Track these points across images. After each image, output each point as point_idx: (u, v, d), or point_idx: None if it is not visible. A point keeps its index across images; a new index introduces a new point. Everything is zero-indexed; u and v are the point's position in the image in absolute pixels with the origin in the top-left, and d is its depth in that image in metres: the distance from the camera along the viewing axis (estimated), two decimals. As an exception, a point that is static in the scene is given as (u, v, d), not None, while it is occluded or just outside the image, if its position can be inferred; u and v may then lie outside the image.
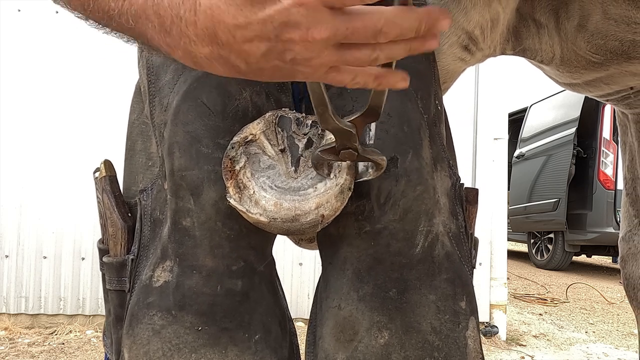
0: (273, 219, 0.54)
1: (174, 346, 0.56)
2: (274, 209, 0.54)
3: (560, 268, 6.09)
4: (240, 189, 0.55)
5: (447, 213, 0.64)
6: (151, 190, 0.64)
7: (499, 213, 2.97)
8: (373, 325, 0.58)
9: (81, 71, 2.78)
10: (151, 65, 0.66)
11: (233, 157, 0.56)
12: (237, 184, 0.55)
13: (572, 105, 5.85)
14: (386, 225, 0.59)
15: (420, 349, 0.57)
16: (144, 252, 0.63)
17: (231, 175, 0.56)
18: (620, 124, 1.09)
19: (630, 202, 1.06)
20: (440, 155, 0.66)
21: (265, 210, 0.54)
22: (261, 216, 0.54)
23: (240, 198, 0.55)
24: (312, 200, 0.55)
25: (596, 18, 0.77)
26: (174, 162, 0.59)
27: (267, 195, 0.55)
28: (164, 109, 0.63)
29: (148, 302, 0.58)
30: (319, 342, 0.62)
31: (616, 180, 5.31)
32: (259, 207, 0.55)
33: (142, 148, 0.69)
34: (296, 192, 0.56)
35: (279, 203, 0.55)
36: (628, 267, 1.04)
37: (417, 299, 0.59)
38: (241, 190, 0.55)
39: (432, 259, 0.60)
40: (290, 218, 0.54)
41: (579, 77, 0.90)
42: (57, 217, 2.75)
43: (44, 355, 2.37)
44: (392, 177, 0.59)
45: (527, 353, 2.74)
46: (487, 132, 2.97)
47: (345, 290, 0.60)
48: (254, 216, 0.55)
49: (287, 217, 0.54)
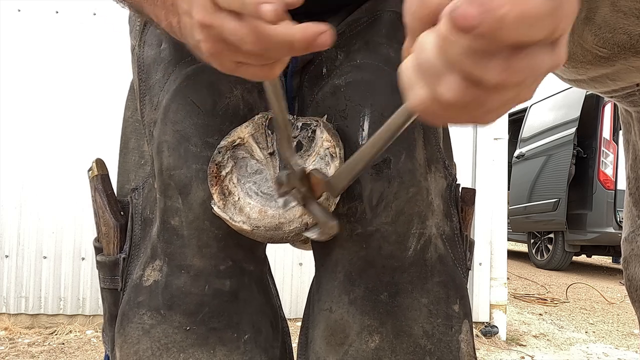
0: (256, 227, 0.54)
1: (163, 345, 0.56)
2: (258, 217, 0.54)
3: (560, 268, 6.09)
4: (225, 195, 0.55)
5: (441, 215, 0.64)
6: (142, 189, 0.64)
7: (499, 213, 2.96)
8: (364, 329, 0.57)
9: (81, 71, 2.77)
10: (142, 63, 0.66)
11: (219, 162, 0.56)
12: (222, 190, 0.55)
13: (572, 105, 5.85)
14: (378, 227, 0.58)
15: (412, 353, 0.57)
16: (135, 251, 0.63)
17: (216, 182, 0.55)
18: (624, 122, 1.08)
19: (633, 202, 1.05)
20: (435, 155, 0.65)
21: (249, 218, 0.54)
22: (244, 224, 0.54)
23: (224, 205, 0.54)
24: (297, 208, 0.54)
25: (604, 10, 0.75)
26: (163, 161, 0.58)
27: (252, 202, 0.54)
28: (154, 108, 0.63)
29: (138, 301, 0.58)
30: (311, 345, 0.62)
31: (616, 180, 5.31)
32: (243, 214, 0.54)
33: (135, 146, 0.68)
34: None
35: (263, 210, 0.54)
36: (631, 268, 1.03)
37: (409, 302, 0.58)
38: (226, 196, 0.55)
39: (425, 262, 0.59)
40: (273, 226, 0.54)
41: (585, 73, 0.88)
42: (57, 217, 2.75)
43: (44, 355, 2.36)
44: (384, 179, 0.58)
45: (527, 353, 2.74)
46: (487, 132, 2.96)
47: (337, 293, 0.59)
48: (237, 224, 0.54)
49: (271, 226, 0.54)
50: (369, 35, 0.66)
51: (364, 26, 0.67)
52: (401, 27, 0.69)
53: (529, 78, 0.28)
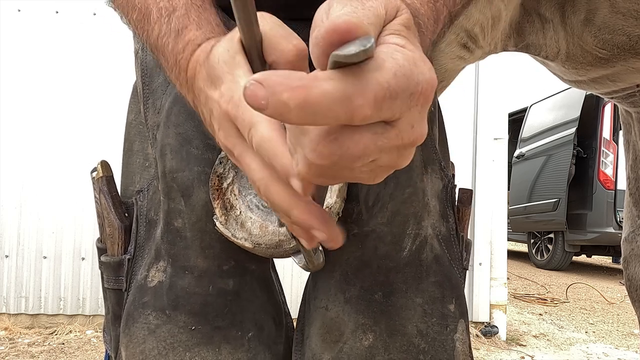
0: (257, 244, 0.54)
1: (169, 345, 0.57)
2: (259, 233, 0.54)
3: (560, 268, 6.09)
4: (227, 209, 0.55)
5: (437, 215, 0.64)
6: (147, 191, 0.65)
7: (499, 213, 2.97)
8: (358, 328, 0.58)
9: (81, 71, 2.77)
10: (145, 67, 0.66)
11: (221, 174, 0.56)
12: (224, 205, 0.55)
13: (572, 105, 5.85)
14: (374, 228, 0.59)
15: (405, 351, 0.57)
16: (140, 252, 0.63)
17: (218, 195, 0.55)
18: (624, 122, 1.08)
19: (633, 202, 1.05)
20: (431, 157, 0.65)
21: (251, 234, 0.54)
22: (246, 242, 0.54)
23: (226, 220, 0.55)
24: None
25: (604, 12, 0.75)
26: (166, 164, 0.59)
27: (253, 216, 0.55)
28: (157, 111, 0.64)
29: (143, 301, 0.59)
30: (307, 342, 0.63)
31: (616, 180, 5.31)
32: (245, 230, 0.55)
33: (140, 149, 0.69)
34: None
35: (264, 226, 0.54)
36: (631, 268, 1.03)
37: (403, 302, 0.59)
38: (228, 211, 0.55)
39: (420, 262, 0.60)
40: (274, 244, 0.54)
41: (585, 74, 0.88)
42: (57, 217, 2.75)
43: (44, 355, 2.36)
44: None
45: (527, 353, 2.74)
46: (487, 132, 2.97)
47: (333, 291, 0.60)
48: (239, 242, 0.55)
49: (271, 244, 0.54)
50: None
51: None
52: None
53: (350, 160, 0.26)
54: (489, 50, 0.86)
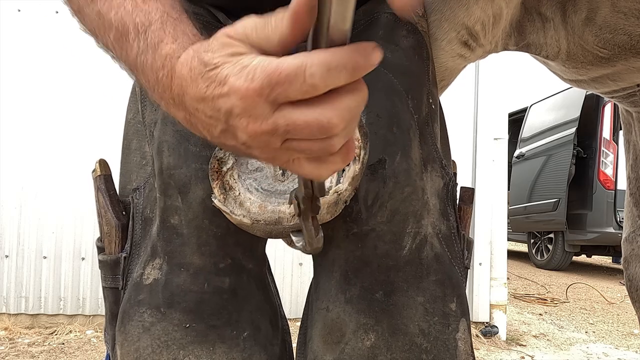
0: (256, 220, 0.54)
1: (163, 343, 0.56)
2: (258, 211, 0.54)
3: (560, 268, 6.09)
4: (225, 190, 0.55)
5: (438, 214, 0.64)
6: (143, 189, 0.65)
7: (499, 213, 2.96)
8: (359, 328, 0.57)
9: (81, 71, 2.77)
10: None
11: (221, 158, 0.56)
12: (223, 185, 0.55)
13: (572, 105, 5.85)
14: (373, 227, 0.59)
15: (407, 351, 0.57)
16: (136, 250, 0.63)
17: (217, 176, 0.55)
18: (624, 122, 1.08)
19: (634, 202, 1.05)
20: (432, 155, 0.65)
21: (249, 212, 0.54)
22: (244, 218, 0.54)
23: (224, 199, 0.55)
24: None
25: (605, 11, 0.75)
26: (163, 161, 0.59)
27: (252, 197, 0.55)
28: (154, 109, 0.64)
29: (138, 299, 0.59)
30: (309, 344, 0.62)
31: (616, 180, 5.31)
32: (243, 208, 0.54)
33: (137, 147, 0.69)
34: (282, 195, 0.55)
35: (263, 205, 0.54)
36: (631, 268, 1.03)
37: (404, 301, 0.58)
38: (226, 191, 0.55)
39: (420, 260, 0.60)
40: (273, 221, 0.54)
41: (585, 74, 0.88)
42: (57, 217, 2.75)
43: (44, 355, 2.36)
44: (380, 179, 0.59)
45: (527, 353, 2.74)
46: (487, 132, 2.96)
47: (333, 292, 0.60)
48: (237, 217, 0.54)
49: (270, 220, 0.54)
50: (366, 37, 0.66)
51: (361, 28, 0.68)
52: (398, 28, 0.69)
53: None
54: (489, 49, 0.86)
